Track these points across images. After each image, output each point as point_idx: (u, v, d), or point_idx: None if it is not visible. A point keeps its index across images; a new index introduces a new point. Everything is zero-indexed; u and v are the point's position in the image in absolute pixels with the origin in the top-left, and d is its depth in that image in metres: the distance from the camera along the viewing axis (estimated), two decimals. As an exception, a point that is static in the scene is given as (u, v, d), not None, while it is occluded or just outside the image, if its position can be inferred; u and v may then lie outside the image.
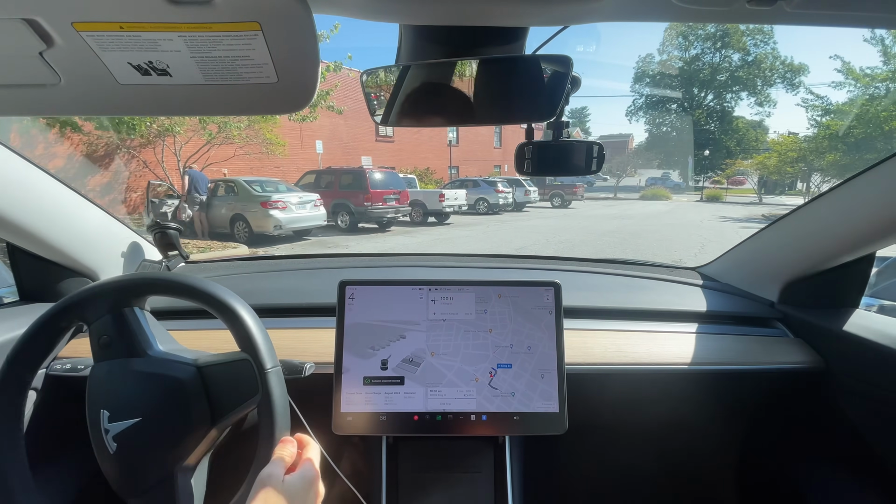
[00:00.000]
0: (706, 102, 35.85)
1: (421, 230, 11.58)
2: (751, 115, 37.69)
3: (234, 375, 0.63)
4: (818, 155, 15.21)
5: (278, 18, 0.40)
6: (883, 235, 0.84)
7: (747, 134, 37.03)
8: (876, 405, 0.89)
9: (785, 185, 28.43)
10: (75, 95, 0.50)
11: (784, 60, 32.01)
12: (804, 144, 15.90)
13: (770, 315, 1.11)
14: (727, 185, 34.93)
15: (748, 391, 1.09)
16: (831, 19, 0.49)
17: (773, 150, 17.57)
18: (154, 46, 0.42)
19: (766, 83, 32.82)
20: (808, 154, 15.71)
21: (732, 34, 34.18)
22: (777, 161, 17.00)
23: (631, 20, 0.53)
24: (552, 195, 19.86)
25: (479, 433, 0.80)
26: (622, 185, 29.20)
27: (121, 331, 0.64)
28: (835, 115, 14.91)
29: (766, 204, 21.48)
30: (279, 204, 8.79)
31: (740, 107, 33.14)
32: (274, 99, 0.51)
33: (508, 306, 0.82)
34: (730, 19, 0.50)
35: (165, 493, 0.61)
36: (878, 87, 13.93)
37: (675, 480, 1.27)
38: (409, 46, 0.65)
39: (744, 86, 33.48)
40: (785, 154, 16.74)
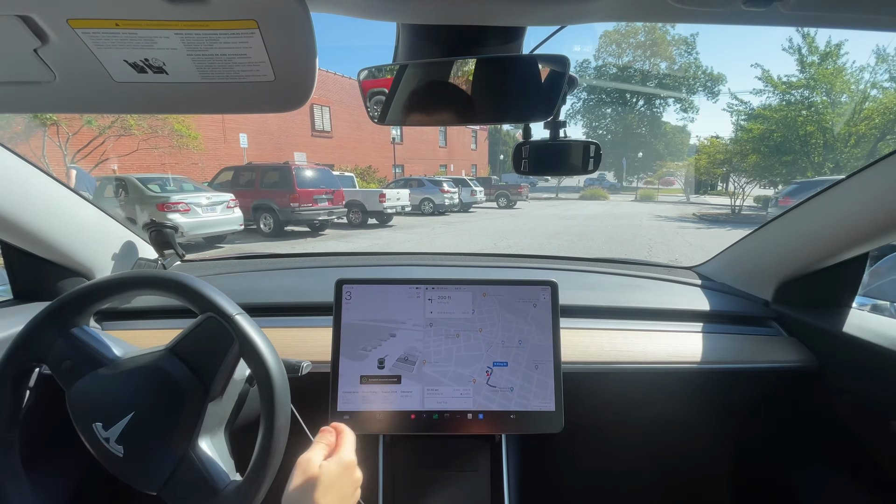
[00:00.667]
0: (638, 107, 37.98)
1: (358, 233, 10.60)
2: (676, 121, 40.04)
3: (206, 337, 0.62)
4: (742, 157, 16.15)
5: (275, 16, 0.40)
6: (876, 235, 0.85)
7: (674, 138, 39.66)
8: (869, 404, 0.90)
9: (708, 186, 30.60)
10: (70, 93, 0.50)
11: (705, 70, 34.51)
12: (730, 147, 16.86)
13: (765, 314, 1.11)
14: (658, 185, 37.05)
15: (743, 390, 1.09)
16: (826, 21, 0.49)
17: (702, 153, 18.61)
18: (150, 44, 0.42)
19: (689, 91, 35.18)
20: (734, 156, 16.65)
21: (660, 43, 36.21)
22: (706, 162, 18.06)
23: (627, 20, 0.53)
24: (498, 195, 19.67)
25: (475, 432, 0.79)
26: (562, 185, 30.12)
27: (79, 349, 0.63)
28: (757, 119, 15.90)
29: (693, 203, 22.94)
30: (180, 206, 7.46)
31: (668, 112, 35.44)
32: (271, 97, 0.50)
33: (494, 304, 0.82)
34: (726, 20, 0.50)
35: (190, 475, 0.60)
36: (794, 93, 14.99)
37: (671, 479, 1.27)
38: (407, 45, 0.65)
39: (671, 91, 35.72)
40: (713, 156, 17.77)
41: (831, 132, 14.01)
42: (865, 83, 14.16)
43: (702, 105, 56.06)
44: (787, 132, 14.68)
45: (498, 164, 39.20)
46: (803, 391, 1.03)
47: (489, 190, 19.33)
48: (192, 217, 7.56)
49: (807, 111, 14.52)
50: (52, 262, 0.99)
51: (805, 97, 14.81)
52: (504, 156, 40.61)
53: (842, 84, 14.07)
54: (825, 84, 14.08)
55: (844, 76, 14.19)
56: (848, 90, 14.12)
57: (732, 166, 16.93)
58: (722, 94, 33.08)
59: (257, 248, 8.55)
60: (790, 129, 14.60)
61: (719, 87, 34.30)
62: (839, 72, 14.09)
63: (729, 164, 16.96)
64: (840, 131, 13.77)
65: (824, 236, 0.94)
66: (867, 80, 14.17)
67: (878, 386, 0.87)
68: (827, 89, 14.09)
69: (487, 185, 19.90)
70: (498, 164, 39.20)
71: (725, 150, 17.41)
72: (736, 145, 16.77)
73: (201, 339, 0.63)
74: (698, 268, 1.36)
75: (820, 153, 14.41)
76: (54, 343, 0.63)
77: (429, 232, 10.95)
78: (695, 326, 1.07)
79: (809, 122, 14.29)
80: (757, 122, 15.75)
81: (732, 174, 17.36)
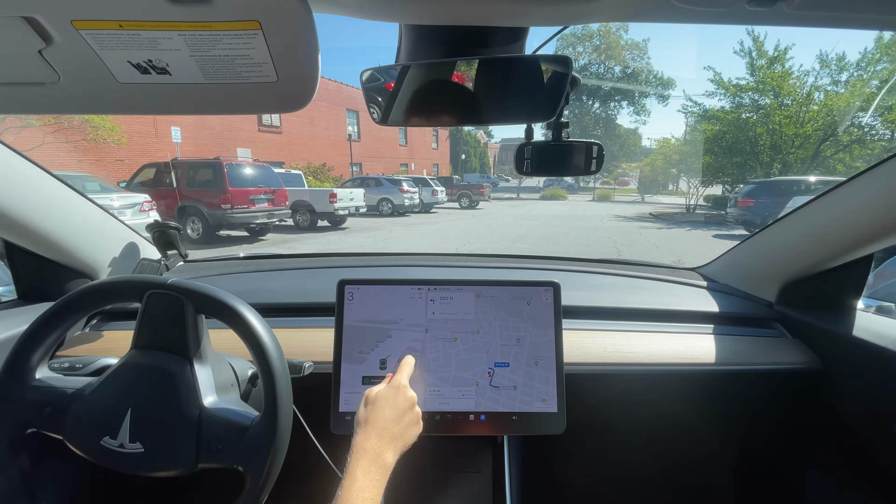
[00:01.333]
0: (594, 110, 38.69)
1: (304, 238, 9.62)
2: (629, 123, 41.36)
3: (156, 314, 0.63)
4: (697, 157, 16.46)
5: (278, 17, 0.40)
6: (880, 236, 0.84)
7: (627, 140, 40.88)
8: (873, 406, 0.89)
9: (660, 186, 31.68)
10: (74, 94, 0.50)
11: (657, 74, 35.62)
12: (685, 147, 17.19)
13: (768, 315, 1.11)
14: (614, 185, 38.07)
15: (746, 391, 1.09)
16: (830, 20, 0.49)
17: (658, 153, 19.01)
18: (154, 45, 0.42)
19: (641, 94, 36.25)
20: (689, 156, 16.98)
21: (615, 47, 37.04)
22: (662, 162, 18.45)
23: (630, 21, 0.55)
24: (460, 195, 19.08)
25: (477, 433, 0.79)
26: (523, 185, 30.33)
27: (49, 392, 0.63)
28: (710, 120, 16.20)
29: (648, 203, 23.47)
30: (77, 209, 6.15)
31: (622, 115, 36.43)
32: (274, 98, 0.50)
33: (489, 305, 0.82)
34: (729, 20, 0.50)
35: (214, 427, 0.60)
36: (743, 96, 15.37)
37: (673, 481, 1.26)
38: (409, 46, 0.65)
39: (624, 95, 36.71)
40: (669, 156, 18.15)
41: (779, 134, 14.46)
42: (809, 86, 14.70)
43: (653, 108, 58.26)
44: (738, 133, 15.08)
45: (460, 164, 38.75)
46: (807, 393, 1.02)
47: (451, 190, 18.79)
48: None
49: (756, 113, 15.00)
50: (56, 263, 0.99)
51: (754, 100, 15.21)
52: (466, 155, 40.19)
53: (788, 87, 14.54)
54: (773, 87, 14.48)
55: (790, 80, 14.68)
56: (794, 93, 14.61)
57: (687, 166, 17.28)
58: (672, 97, 34.35)
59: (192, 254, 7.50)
60: (741, 130, 15.01)
61: (669, 91, 35.58)
62: (786, 75, 14.52)
63: (684, 164, 17.31)
64: (788, 133, 14.23)
65: (828, 237, 0.93)
66: (811, 84, 14.72)
67: (883, 388, 0.86)
68: (775, 92, 14.50)
69: (449, 184, 19.29)
70: (460, 164, 38.75)
71: (680, 150, 17.77)
72: (690, 146, 17.10)
73: (153, 318, 0.63)
74: (701, 269, 1.35)
75: (768, 154, 14.85)
76: (26, 403, 0.62)
77: (385, 235, 10.10)
78: (698, 328, 1.06)
79: (759, 124, 14.73)
80: (710, 123, 16.11)
81: (686, 174, 17.75)
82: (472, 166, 39.42)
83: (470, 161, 39.69)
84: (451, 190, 18.76)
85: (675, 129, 79.59)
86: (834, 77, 14.31)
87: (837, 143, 14.22)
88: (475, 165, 40.26)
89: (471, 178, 28.37)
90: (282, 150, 18.52)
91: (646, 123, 61.58)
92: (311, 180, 17.79)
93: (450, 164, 37.47)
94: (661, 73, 35.07)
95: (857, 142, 13.83)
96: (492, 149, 49.51)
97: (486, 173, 41.27)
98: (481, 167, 41.54)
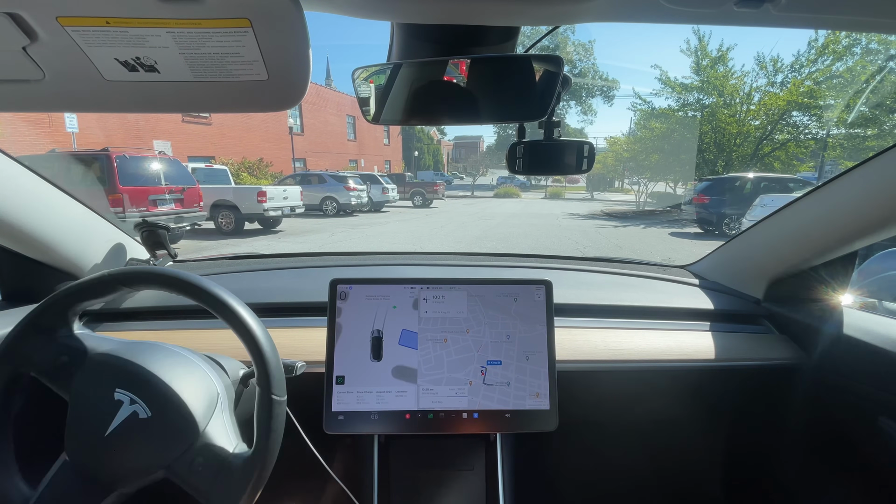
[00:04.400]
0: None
1: (224, 244, 8.24)
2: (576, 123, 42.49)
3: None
4: (647, 155, 16.57)
5: (269, 15, 0.40)
6: (864, 234, 0.86)
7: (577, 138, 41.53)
8: (858, 401, 0.91)
9: (607, 183, 32.57)
10: (60, 91, 0.49)
11: (602, 75, 36.48)
12: (635, 145, 17.25)
13: (756, 312, 1.12)
14: (565, 183, 38.79)
15: (734, 387, 1.11)
16: (815, 22, 0.51)
17: (610, 150, 19.12)
18: (142, 42, 0.42)
19: (588, 94, 37.02)
20: (639, 154, 17.06)
21: (562, 47, 37.63)
22: (613, 160, 18.58)
23: (621, 21, 0.53)
24: (413, 193, 18.06)
25: (470, 431, 0.79)
26: (477, 184, 30.21)
27: (72, 346, 0.64)
28: (659, 118, 16.44)
29: (597, 200, 23.79)
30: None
31: (570, 115, 37.27)
32: (264, 96, 0.50)
33: (477, 303, 0.82)
34: (718, 21, 0.51)
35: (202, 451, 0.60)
36: (688, 95, 15.65)
37: (664, 475, 1.28)
38: (401, 44, 0.65)
39: (572, 95, 37.34)
40: (620, 154, 18.27)
41: (722, 132, 14.82)
42: (749, 86, 15.19)
43: (599, 108, 60.27)
44: (685, 132, 15.31)
45: (413, 161, 37.69)
46: (794, 388, 1.04)
47: (403, 188, 17.84)
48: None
49: (701, 112, 15.30)
50: (42, 263, 0.97)
51: (699, 99, 15.52)
52: (419, 152, 39.17)
53: (730, 87, 14.93)
54: (717, 86, 14.81)
55: (732, 80, 15.08)
56: (735, 93, 15.03)
57: (637, 164, 17.41)
58: (618, 97, 35.32)
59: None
60: (688, 128, 15.23)
61: (614, 91, 36.59)
62: (728, 75, 14.93)
63: (633, 162, 17.44)
64: (731, 131, 14.60)
65: (814, 235, 0.95)
66: (750, 84, 15.22)
67: (868, 383, 0.88)
68: (719, 91, 14.84)
69: (401, 182, 18.27)
70: (413, 161, 37.69)
71: (630, 148, 17.88)
72: (639, 144, 17.22)
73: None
74: (691, 266, 1.37)
75: (713, 152, 15.21)
76: (41, 348, 0.62)
77: (327, 239, 8.95)
78: (687, 324, 1.07)
79: (704, 123, 15.05)
80: (658, 121, 16.26)
81: (635, 172, 17.95)
82: (425, 163, 38.54)
83: (423, 158, 38.77)
84: (404, 188, 17.88)
85: (621, 128, 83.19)
86: (770, 78, 14.87)
87: (773, 141, 14.81)
88: (429, 163, 39.40)
89: (424, 176, 27.46)
90: (211, 144, 16.59)
91: (592, 123, 63.34)
92: (245, 177, 16.05)
93: (402, 160, 36.28)
94: (606, 73, 35.83)
95: (791, 140, 14.45)
96: (445, 146, 48.98)
97: (439, 171, 40.52)
98: (435, 164, 40.78)
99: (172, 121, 15.11)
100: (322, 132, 23.40)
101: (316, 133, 22.98)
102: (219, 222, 9.42)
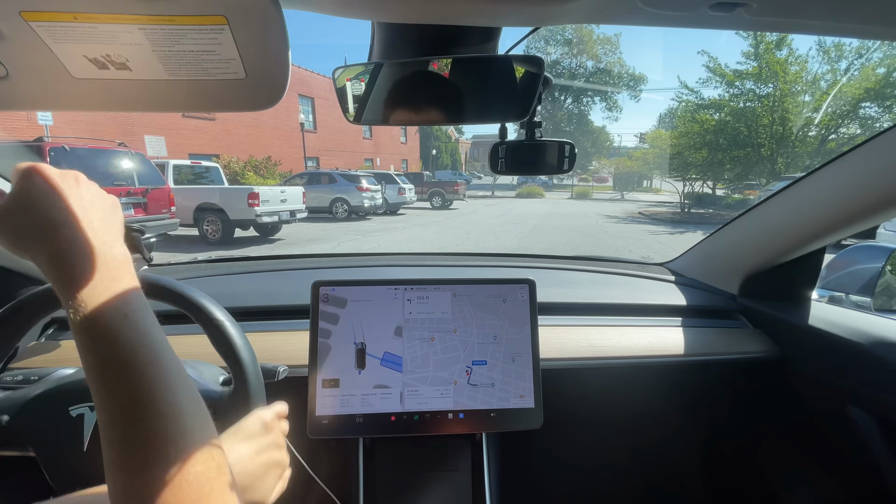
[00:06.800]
0: (566, 105, 37.32)
1: (211, 255, 6.74)
2: (601, 120, 40.71)
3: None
4: (695, 150, 14.71)
5: (245, 12, 0.39)
6: (831, 231, 0.89)
7: (600, 136, 39.76)
8: (828, 391, 0.94)
9: (634, 183, 30.96)
10: (24, 90, 0.47)
11: (628, 70, 34.51)
12: (684, 140, 15.35)
13: (731, 307, 1.15)
14: (592, 182, 37.06)
15: (712, 380, 1.14)
16: (787, 26, 0.51)
17: (650, 147, 17.38)
18: (112, 39, 0.40)
19: (614, 89, 35.03)
20: (686, 149, 15.16)
21: (586, 42, 35.69)
22: (654, 157, 16.87)
23: (600, 22, 0.54)
24: (431, 194, 16.72)
25: (456, 431, 0.79)
26: (498, 182, 29.06)
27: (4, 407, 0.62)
28: (709, 109, 14.60)
29: (629, 200, 22.06)
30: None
31: (594, 111, 35.55)
32: (242, 95, 0.48)
33: (466, 303, 0.82)
34: (693, 24, 0.52)
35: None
36: (739, 85, 13.83)
37: (646, 470, 1.29)
38: (382, 44, 0.64)
39: (596, 91, 35.42)
40: (663, 150, 16.50)
41: (785, 124, 12.96)
42: (814, 73, 13.31)
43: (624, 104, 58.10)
44: (741, 123, 13.48)
45: (431, 160, 36.35)
46: (768, 380, 1.07)
47: (421, 188, 16.49)
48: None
49: (760, 101, 13.51)
50: (6, 269, 0.94)
51: (753, 87, 13.72)
52: (437, 151, 37.84)
53: (793, 74, 13.05)
54: (777, 72, 12.95)
55: (794, 66, 13.19)
56: (799, 79, 13.14)
57: (682, 160, 15.55)
58: (646, 91, 33.43)
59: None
60: (746, 119, 13.36)
61: (641, 86, 34.61)
62: (791, 59, 13.08)
63: (679, 159, 15.57)
64: (798, 122, 12.76)
65: (785, 232, 0.98)
66: (815, 70, 13.35)
67: (836, 373, 0.91)
68: (780, 77, 12.97)
69: (419, 181, 16.91)
70: (431, 160, 36.35)
71: (677, 143, 16.00)
72: (685, 139, 15.34)
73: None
74: (670, 263, 1.39)
75: (770, 147, 13.36)
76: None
77: (332, 250, 7.63)
78: (667, 321, 1.09)
79: (765, 113, 13.24)
80: (709, 112, 14.41)
81: (678, 171, 16.14)
82: (443, 163, 37.24)
83: (441, 157, 37.44)
84: (422, 188, 16.73)
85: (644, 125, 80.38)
86: (833, 65, 13.00)
87: (840, 136, 12.94)
88: (447, 162, 38.11)
89: (442, 175, 26.08)
90: (216, 142, 15.51)
91: (617, 120, 61.56)
92: (251, 177, 14.84)
93: (420, 159, 34.94)
94: (633, 68, 33.97)
95: (862, 134, 12.56)
96: (463, 145, 47.65)
97: (457, 170, 39.16)
98: (453, 164, 39.49)
99: (171, 115, 14.03)
100: (336, 129, 22.13)
101: (330, 130, 21.74)
102: (203, 229, 8.09)
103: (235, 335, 0.60)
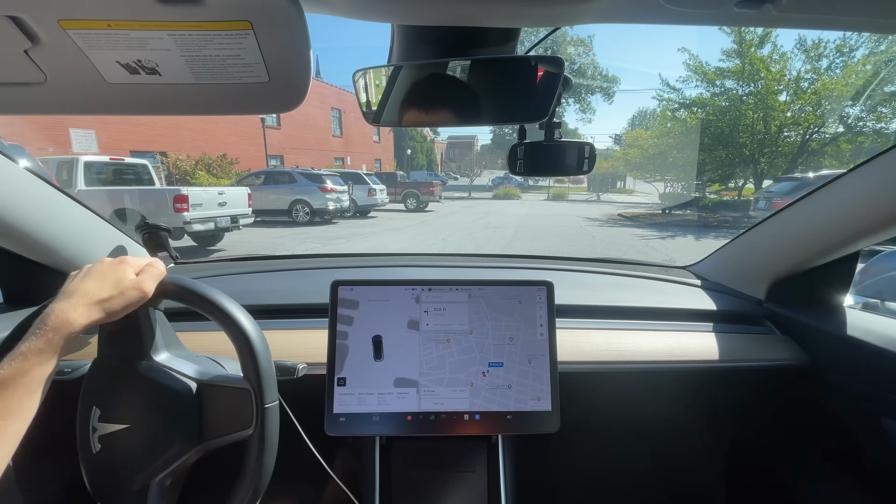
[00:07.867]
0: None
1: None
2: (574, 122, 40.66)
3: (232, 402, 0.60)
4: (680, 150, 14.21)
5: (270, 18, 0.39)
6: (866, 234, 0.85)
7: (574, 138, 39.77)
8: (861, 402, 0.90)
9: (609, 184, 30.88)
10: (61, 94, 0.49)
11: (601, 71, 34.32)
12: (667, 140, 14.83)
13: (758, 313, 1.11)
14: (569, 183, 36.91)
15: (736, 388, 1.09)
16: (816, 22, 0.50)
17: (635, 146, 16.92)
18: (143, 45, 0.41)
19: (587, 91, 34.86)
20: (671, 149, 14.65)
21: (561, 43, 35.40)
22: (639, 157, 16.44)
23: (621, 22, 0.52)
24: (406, 195, 15.62)
25: (472, 432, 0.79)
26: (474, 184, 28.62)
27: (131, 326, 0.62)
28: (691, 108, 14.22)
29: (605, 202, 21.70)
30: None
31: (568, 113, 35.34)
32: (265, 98, 0.49)
33: (482, 305, 0.82)
34: (718, 22, 0.50)
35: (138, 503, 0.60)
36: (719, 83, 13.43)
37: (666, 477, 1.26)
38: (402, 46, 0.64)
39: (571, 93, 35.14)
40: (646, 151, 16.04)
41: (769, 123, 12.60)
42: (797, 71, 12.97)
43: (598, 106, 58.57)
44: (728, 121, 13.05)
45: (406, 160, 35.13)
46: (796, 389, 1.03)
47: (395, 188, 15.38)
48: None
49: (745, 99, 13.11)
50: (43, 265, 0.97)
51: (735, 86, 13.34)
52: (412, 151, 36.70)
53: (775, 72, 12.69)
54: (761, 70, 12.56)
55: (776, 64, 12.85)
56: (781, 77, 12.80)
57: (662, 161, 15.06)
58: (619, 91, 33.35)
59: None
60: (733, 118, 12.94)
61: (614, 88, 34.58)
62: (774, 57, 12.72)
63: (661, 159, 15.08)
64: (785, 121, 12.40)
65: (816, 235, 0.94)
66: (798, 68, 13.01)
67: (870, 383, 0.87)
68: (763, 75, 12.59)
69: (393, 182, 15.81)
70: (406, 160, 35.13)
71: (658, 143, 15.49)
72: (666, 138, 14.82)
73: (228, 399, 0.60)
74: (693, 267, 1.35)
75: (750, 147, 13.01)
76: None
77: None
78: (689, 325, 1.06)
79: (750, 111, 12.80)
80: (692, 111, 13.94)
81: (659, 172, 15.69)
82: (418, 163, 36.13)
83: (417, 157, 36.31)
84: (395, 188, 15.61)
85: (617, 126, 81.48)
86: (813, 63, 12.72)
87: (823, 135, 12.70)
88: (422, 162, 37.03)
89: (418, 176, 25.03)
90: (162, 137, 13.92)
91: (591, 122, 62.15)
92: (202, 176, 13.38)
93: (394, 159, 33.69)
94: (606, 70, 33.81)
95: (844, 134, 12.34)
96: (439, 145, 46.71)
97: (433, 171, 38.17)
98: (428, 164, 38.46)
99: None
100: (303, 126, 20.68)
101: (295, 127, 20.25)
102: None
103: (249, 327, 0.59)
